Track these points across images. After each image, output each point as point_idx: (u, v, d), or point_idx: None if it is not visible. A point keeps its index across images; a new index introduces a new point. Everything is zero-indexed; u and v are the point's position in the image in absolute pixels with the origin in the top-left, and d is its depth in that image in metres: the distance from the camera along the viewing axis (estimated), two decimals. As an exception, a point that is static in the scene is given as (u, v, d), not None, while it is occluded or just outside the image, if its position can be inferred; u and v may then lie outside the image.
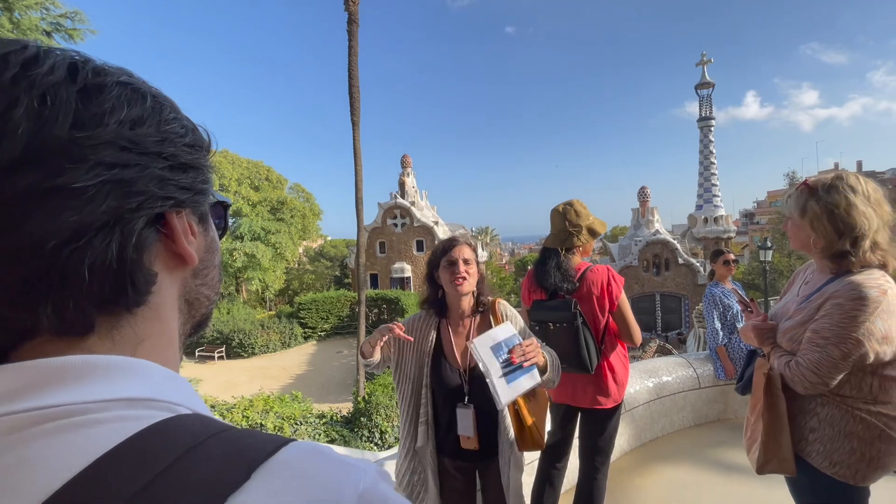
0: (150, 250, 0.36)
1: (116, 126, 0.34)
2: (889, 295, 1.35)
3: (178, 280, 0.41)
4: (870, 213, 1.41)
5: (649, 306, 24.63)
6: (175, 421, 0.32)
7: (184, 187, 0.39)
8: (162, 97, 0.40)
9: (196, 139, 0.42)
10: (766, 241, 16.88)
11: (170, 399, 0.34)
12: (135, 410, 0.32)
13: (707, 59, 32.32)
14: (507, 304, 1.92)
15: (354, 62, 13.31)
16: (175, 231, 0.38)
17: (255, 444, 0.31)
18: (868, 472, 1.41)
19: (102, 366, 0.33)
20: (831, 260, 1.47)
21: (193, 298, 0.44)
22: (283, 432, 8.41)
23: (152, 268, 0.37)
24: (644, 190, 26.73)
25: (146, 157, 0.35)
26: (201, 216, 0.44)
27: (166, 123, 0.38)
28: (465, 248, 1.83)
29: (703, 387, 3.95)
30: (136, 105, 0.36)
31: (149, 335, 0.37)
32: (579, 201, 2.45)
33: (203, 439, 0.30)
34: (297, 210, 35.49)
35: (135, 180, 0.34)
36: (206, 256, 0.44)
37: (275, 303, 37.76)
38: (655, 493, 2.98)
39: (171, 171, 0.37)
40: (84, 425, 0.30)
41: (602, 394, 2.33)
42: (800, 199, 1.52)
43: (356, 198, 13.51)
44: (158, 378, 0.36)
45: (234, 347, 22.90)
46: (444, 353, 1.84)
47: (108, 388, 0.32)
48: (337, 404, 12.82)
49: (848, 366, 1.37)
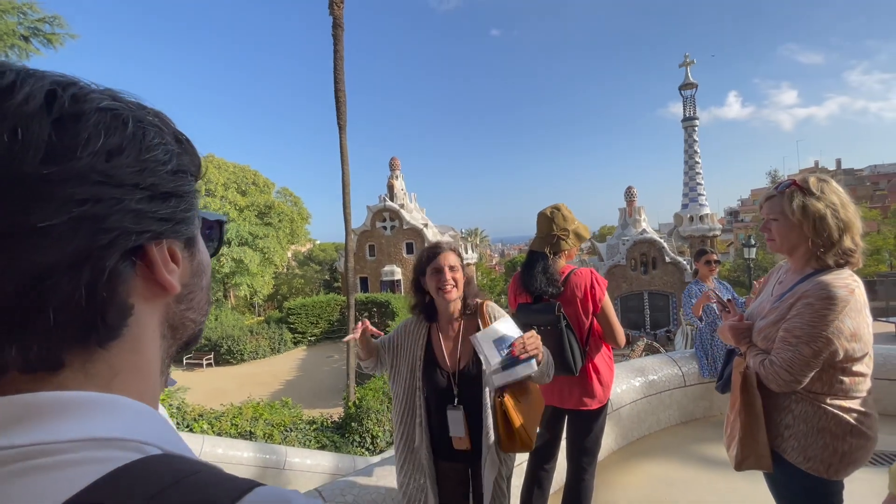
0: (125, 283, 0.34)
1: (90, 158, 0.32)
2: (856, 294, 1.40)
3: (160, 308, 0.39)
4: (843, 215, 1.45)
5: (638, 305, 24.88)
6: (141, 464, 0.31)
7: (163, 218, 0.36)
8: (147, 120, 0.37)
9: (181, 164, 0.39)
10: (750, 239, 17.19)
11: (140, 438, 0.33)
12: (103, 452, 0.30)
13: (690, 61, 32.82)
14: (496, 305, 1.93)
15: (340, 66, 13.28)
16: (154, 263, 0.36)
17: (218, 493, 0.30)
18: (840, 467, 1.45)
19: (73, 403, 0.32)
20: (804, 259, 1.51)
21: (178, 323, 0.42)
22: (274, 439, 8.32)
23: (128, 300, 0.35)
24: (630, 190, 27.02)
25: (121, 190, 0.33)
26: (188, 241, 0.42)
27: (147, 151, 0.36)
28: (450, 254, 1.84)
29: (688, 385, 4.01)
30: (115, 133, 0.34)
31: (124, 368, 0.36)
32: (565, 205, 2.48)
33: (166, 486, 0.29)
34: (285, 214, 35.19)
35: (107, 216, 0.32)
36: (191, 281, 0.42)
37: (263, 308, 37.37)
38: (643, 491, 3.02)
39: (150, 203, 0.35)
40: (52, 468, 0.29)
41: (587, 395, 2.36)
42: (794, 199, 1.49)
43: (344, 201, 13.46)
44: (129, 414, 0.34)
45: (222, 354, 22.60)
46: (434, 356, 1.89)
47: (77, 426, 0.31)
48: (328, 410, 12.73)
49: (819, 363, 1.41)
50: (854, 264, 1.46)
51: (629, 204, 26.92)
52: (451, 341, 1.88)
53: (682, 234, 30.07)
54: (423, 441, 1.82)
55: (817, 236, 1.46)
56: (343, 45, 13.12)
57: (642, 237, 25.10)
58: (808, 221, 1.46)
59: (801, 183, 1.50)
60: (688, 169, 31.88)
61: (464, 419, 1.78)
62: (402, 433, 1.86)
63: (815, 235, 1.46)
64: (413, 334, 1.94)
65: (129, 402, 0.35)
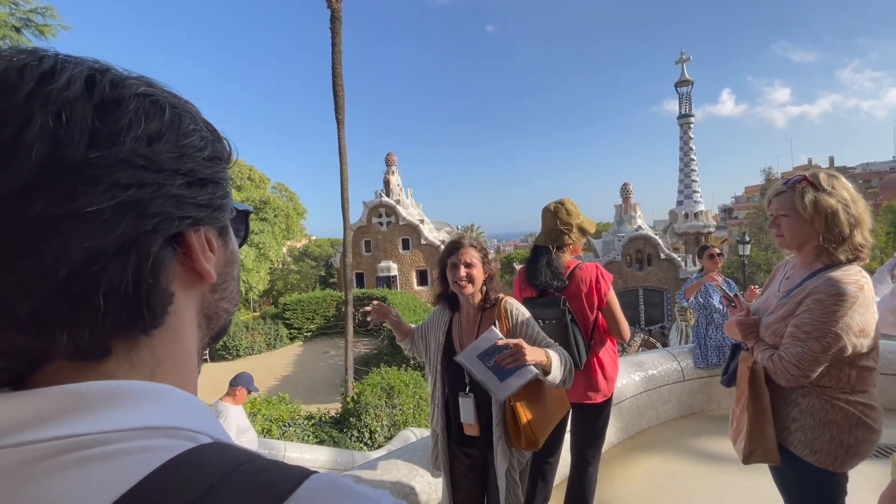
0: (166, 271, 0.34)
1: (133, 143, 0.32)
2: (865, 290, 1.41)
3: (197, 297, 0.40)
4: (852, 212, 1.45)
5: (633, 301, 25.05)
6: (197, 453, 0.31)
7: (202, 204, 0.37)
8: (182, 106, 0.38)
9: (215, 151, 0.39)
10: (744, 236, 17.31)
11: (190, 426, 0.33)
12: (157, 440, 0.31)
13: (686, 57, 32.91)
14: (515, 302, 1.95)
15: (338, 60, 13.18)
16: (193, 250, 0.36)
17: (277, 480, 0.30)
18: (846, 459, 1.47)
19: (122, 392, 0.32)
20: (811, 255, 1.52)
21: (213, 313, 0.42)
22: (272, 435, 8.33)
23: (169, 288, 0.35)
24: (626, 186, 27.12)
25: (163, 175, 0.33)
26: (221, 229, 0.42)
27: (185, 137, 0.36)
28: (470, 251, 1.89)
29: (686, 379, 4.05)
30: (154, 119, 0.34)
31: (167, 357, 0.36)
32: (570, 200, 2.49)
33: (225, 474, 0.29)
34: (280, 210, 34.97)
35: (151, 200, 0.32)
36: (224, 270, 0.42)
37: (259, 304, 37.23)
38: (644, 484, 3.05)
39: (189, 188, 0.35)
40: (107, 457, 0.28)
41: (592, 389, 2.38)
42: (806, 194, 1.48)
43: (342, 196, 13.41)
44: (178, 403, 0.34)
45: (217, 350, 22.47)
46: (453, 344, 1.97)
47: (129, 415, 0.31)
48: (325, 405, 12.73)
49: (828, 359, 1.43)
50: (863, 260, 1.48)
51: (625, 200, 27.03)
52: (470, 332, 1.93)
53: (677, 231, 30.24)
54: (438, 422, 1.96)
55: (829, 232, 1.46)
56: (341, 39, 13.03)
57: (637, 234, 25.23)
58: (820, 217, 1.46)
59: (812, 178, 1.49)
60: (683, 166, 32.03)
61: (473, 407, 1.84)
62: (431, 413, 2.04)
63: (826, 231, 1.46)
64: (438, 321, 2.06)
65: (176, 390, 0.35)
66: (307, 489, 0.30)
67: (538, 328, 1.91)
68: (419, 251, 28.14)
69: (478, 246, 1.93)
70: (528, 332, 1.86)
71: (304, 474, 0.31)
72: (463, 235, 2.01)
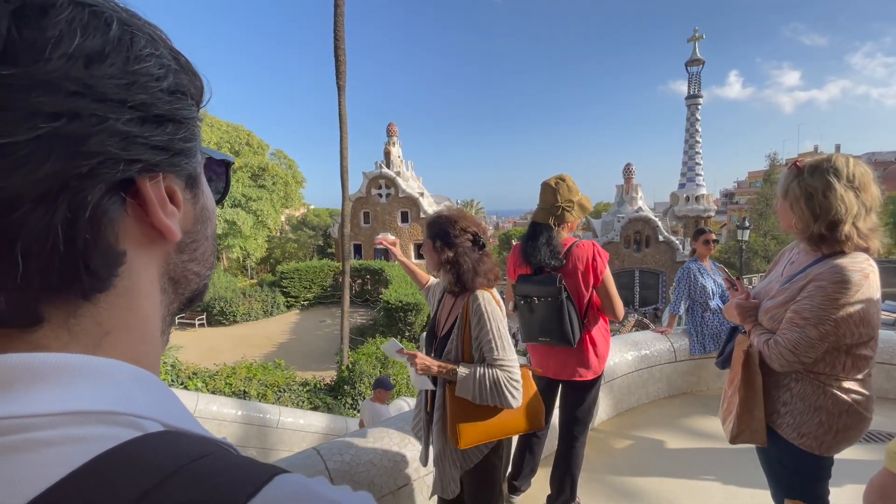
0: (114, 225, 0.28)
1: (62, 62, 0.25)
2: (871, 279, 1.39)
3: (158, 258, 0.34)
4: (850, 198, 1.41)
5: (628, 282, 25.22)
6: (137, 445, 0.25)
7: (157, 146, 0.30)
8: (137, 25, 0.30)
9: (179, 83, 0.32)
10: (744, 221, 17.29)
11: (135, 410, 0.28)
12: (89, 428, 0.25)
13: (699, 35, 31.99)
14: (487, 298, 1.69)
15: (340, 22, 12.72)
16: (149, 202, 0.30)
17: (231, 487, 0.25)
18: (833, 444, 1.48)
19: (51, 367, 0.26)
20: (808, 242, 1.50)
21: (180, 276, 0.36)
22: (267, 399, 8.47)
23: (119, 246, 0.29)
24: (629, 167, 26.85)
25: (104, 106, 0.27)
26: (189, 179, 0.35)
27: (137, 61, 0.29)
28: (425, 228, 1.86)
29: (678, 360, 4.09)
30: (95, 34, 0.27)
31: (117, 325, 0.30)
32: (569, 176, 2.43)
33: (165, 476, 0.24)
34: (279, 177, 34.61)
35: (87, 137, 0.26)
36: (194, 228, 0.37)
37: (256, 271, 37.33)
38: (632, 459, 3.12)
39: (141, 126, 0.29)
40: (21, 448, 0.23)
41: (583, 366, 2.39)
42: (786, 180, 1.53)
43: (341, 166, 13.20)
44: (125, 381, 0.29)
45: (214, 315, 22.69)
46: (437, 319, 1.95)
47: (56, 396, 0.25)
48: (320, 373, 12.93)
49: (824, 346, 1.42)
50: (873, 250, 1.44)
51: (627, 181, 26.82)
52: (445, 313, 1.90)
53: (678, 214, 30.16)
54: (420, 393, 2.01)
55: (797, 218, 1.49)
56: (344, 1, 12.55)
57: (637, 215, 25.16)
58: (788, 203, 1.51)
59: (800, 164, 1.51)
60: (688, 148, 31.62)
61: (430, 381, 1.81)
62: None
63: (795, 217, 1.49)
64: (435, 292, 2.10)
65: (123, 366, 0.30)
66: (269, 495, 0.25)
67: (493, 336, 1.65)
68: (418, 224, 28.03)
69: (434, 225, 1.78)
70: (479, 334, 1.68)
71: (266, 476, 0.26)
72: (437, 213, 1.84)
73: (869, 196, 1.43)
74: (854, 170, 1.44)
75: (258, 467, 0.27)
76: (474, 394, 1.63)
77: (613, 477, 2.89)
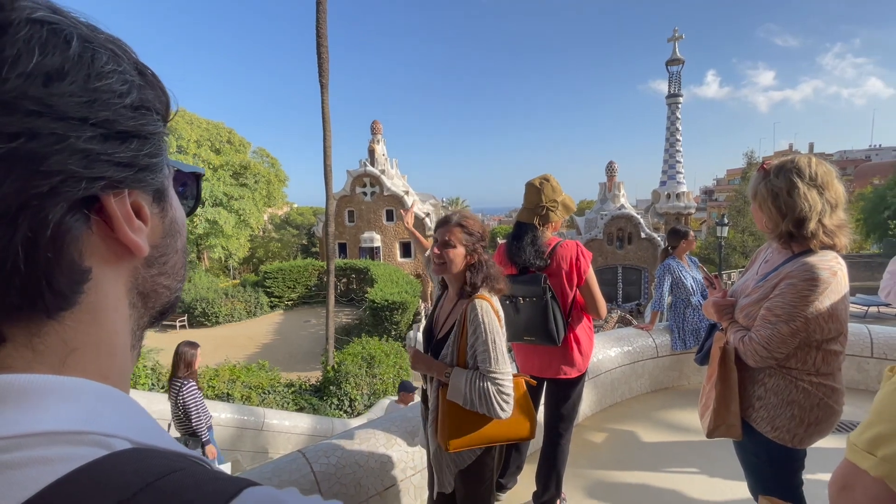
0: (78, 242, 0.28)
1: (21, 81, 0.25)
2: (839, 276, 1.44)
3: (126, 273, 0.33)
4: (813, 196, 1.46)
5: (611, 278, 25.56)
6: (104, 464, 0.25)
7: (121, 163, 0.30)
8: (99, 41, 0.30)
9: (143, 99, 0.32)
10: (723, 218, 17.70)
11: (102, 429, 0.27)
12: (54, 449, 0.25)
13: (678, 35, 32.49)
14: (485, 306, 1.66)
15: (323, 20, 12.58)
16: (114, 218, 0.30)
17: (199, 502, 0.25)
18: (805, 436, 1.54)
19: (15, 388, 0.26)
20: (779, 241, 1.55)
21: (150, 291, 0.36)
22: (251, 401, 8.37)
23: (83, 263, 0.29)
24: (612, 165, 27.20)
25: (64, 124, 0.27)
26: (157, 193, 0.35)
27: (99, 78, 0.29)
28: (455, 230, 1.74)
29: (660, 356, 4.18)
30: (55, 52, 0.27)
31: (83, 342, 0.30)
32: (553, 176, 2.46)
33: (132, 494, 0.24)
34: (261, 175, 34.11)
35: (46, 156, 0.26)
36: (163, 242, 0.36)
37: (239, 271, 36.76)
38: (615, 453, 3.18)
39: (104, 143, 0.29)
40: None
41: (568, 364, 2.42)
42: (755, 182, 1.60)
43: (325, 164, 13.07)
44: (91, 400, 0.29)
45: (196, 316, 22.28)
46: (436, 319, 1.94)
47: (20, 418, 0.25)
48: (305, 373, 12.82)
49: (796, 341, 1.47)
50: (840, 247, 1.49)
51: (609, 179, 27.17)
52: (445, 314, 1.89)
53: (659, 211, 30.67)
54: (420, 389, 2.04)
55: (767, 218, 1.55)
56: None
57: (620, 212, 25.51)
58: (766, 203, 1.55)
59: (767, 166, 1.58)
60: (668, 146, 32.16)
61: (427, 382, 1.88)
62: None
63: (764, 217, 1.56)
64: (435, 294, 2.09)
65: (89, 384, 0.29)
66: None
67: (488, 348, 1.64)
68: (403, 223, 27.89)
69: (468, 227, 1.75)
70: (474, 342, 1.67)
71: (234, 490, 0.26)
72: (457, 213, 1.82)
73: (833, 193, 1.49)
74: (816, 169, 1.50)
75: (227, 481, 0.27)
76: (464, 401, 1.65)
77: (598, 472, 2.94)
